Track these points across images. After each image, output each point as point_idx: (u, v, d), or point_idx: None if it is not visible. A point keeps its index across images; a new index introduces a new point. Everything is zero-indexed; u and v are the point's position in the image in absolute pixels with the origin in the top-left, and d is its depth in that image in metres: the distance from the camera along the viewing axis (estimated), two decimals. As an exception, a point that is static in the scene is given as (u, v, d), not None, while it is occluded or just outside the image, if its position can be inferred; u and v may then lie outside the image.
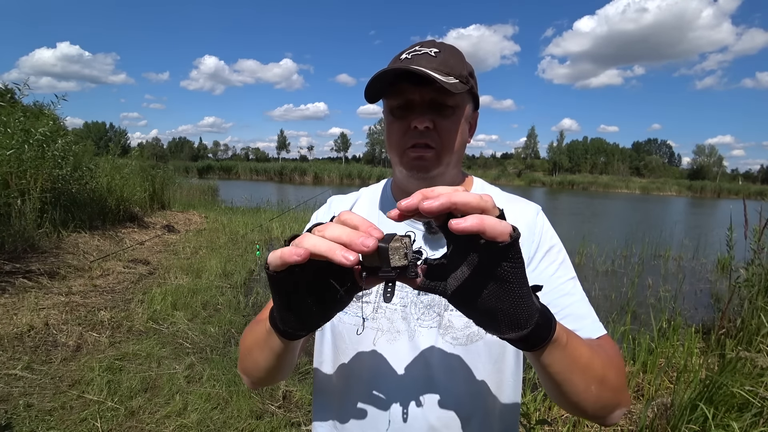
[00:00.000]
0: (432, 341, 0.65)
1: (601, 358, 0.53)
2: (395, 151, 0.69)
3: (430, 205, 0.35)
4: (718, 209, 25.62)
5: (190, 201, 12.42)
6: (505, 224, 0.35)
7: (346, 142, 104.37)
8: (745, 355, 2.21)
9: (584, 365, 0.49)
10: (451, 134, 0.66)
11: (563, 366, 0.47)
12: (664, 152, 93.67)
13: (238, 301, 4.26)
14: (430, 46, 0.66)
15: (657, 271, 6.97)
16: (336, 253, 0.37)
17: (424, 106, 0.65)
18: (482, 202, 0.36)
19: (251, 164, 65.09)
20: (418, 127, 0.64)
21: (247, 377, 0.65)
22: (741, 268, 3.60)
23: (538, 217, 0.72)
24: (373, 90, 0.65)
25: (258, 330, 0.58)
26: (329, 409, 0.71)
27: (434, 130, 0.65)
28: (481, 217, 0.34)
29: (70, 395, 2.42)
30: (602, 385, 0.52)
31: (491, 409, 0.67)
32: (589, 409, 0.53)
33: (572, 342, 0.48)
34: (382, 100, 0.70)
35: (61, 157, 5.83)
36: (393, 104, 0.67)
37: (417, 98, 0.64)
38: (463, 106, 0.68)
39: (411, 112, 0.65)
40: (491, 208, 0.37)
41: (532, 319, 0.40)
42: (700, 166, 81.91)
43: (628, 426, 2.35)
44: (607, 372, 0.53)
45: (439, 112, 0.65)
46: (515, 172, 74.17)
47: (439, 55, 0.64)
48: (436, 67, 0.62)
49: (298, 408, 2.51)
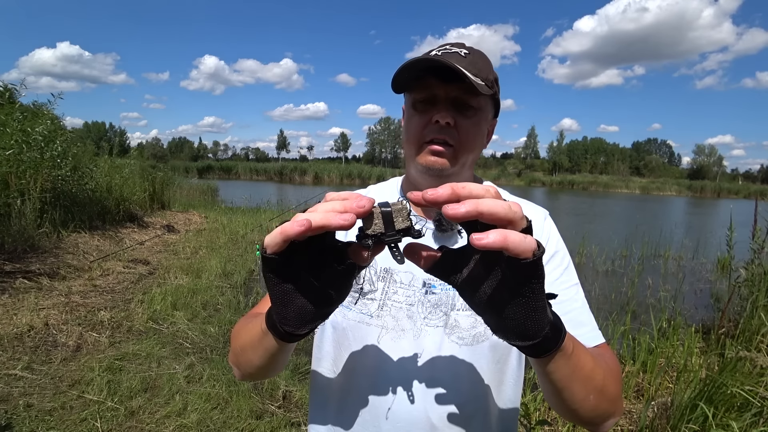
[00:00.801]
0: (438, 341, 0.65)
1: (603, 369, 0.53)
2: (413, 143, 0.68)
3: (455, 212, 0.33)
4: (718, 209, 25.64)
5: (190, 201, 12.41)
6: (530, 241, 0.34)
7: (346, 142, 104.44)
8: (745, 354, 2.21)
9: (586, 375, 0.50)
10: (470, 134, 0.66)
11: (565, 374, 0.47)
12: (664, 152, 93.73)
13: (238, 301, 4.26)
14: (460, 47, 0.67)
15: (657, 271, 6.98)
16: (334, 217, 0.35)
17: (447, 102, 0.65)
18: (510, 212, 0.34)
19: (251, 164, 65.12)
20: (439, 122, 0.64)
21: (238, 370, 0.64)
22: (741, 267, 3.60)
23: (546, 222, 0.73)
24: (401, 79, 0.65)
25: (252, 329, 0.56)
26: (328, 405, 0.71)
27: (454, 127, 0.65)
28: (504, 233, 0.33)
29: (70, 395, 2.42)
30: (601, 395, 0.52)
31: (492, 408, 0.67)
32: (585, 416, 0.54)
33: (577, 351, 0.48)
34: (403, 94, 0.70)
35: (61, 157, 5.83)
36: (417, 98, 0.67)
37: (442, 94, 0.65)
38: (486, 109, 0.68)
39: (433, 107, 0.65)
40: (519, 219, 0.34)
41: (542, 331, 0.40)
42: (700, 166, 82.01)
43: (628, 426, 2.35)
44: (607, 382, 0.53)
45: (462, 111, 0.65)
46: (515, 172, 74.20)
47: (468, 56, 0.65)
48: (465, 67, 0.62)
49: (298, 408, 2.51)
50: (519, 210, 0.35)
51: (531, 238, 0.35)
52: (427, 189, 0.34)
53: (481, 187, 0.35)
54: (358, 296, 0.69)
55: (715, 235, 9.75)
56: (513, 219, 0.34)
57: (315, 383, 0.74)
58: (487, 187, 0.36)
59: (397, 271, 0.69)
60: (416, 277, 0.68)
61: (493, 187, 0.37)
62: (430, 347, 0.64)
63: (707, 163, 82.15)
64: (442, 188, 0.34)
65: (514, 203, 0.35)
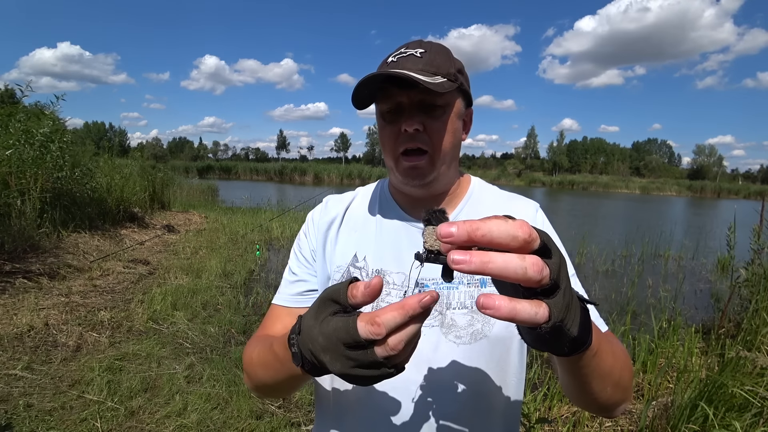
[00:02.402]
0: (434, 340, 0.64)
1: (620, 363, 0.54)
2: (390, 156, 0.68)
3: (461, 268, 0.30)
4: (718, 209, 25.63)
5: (190, 201, 12.41)
6: (543, 311, 0.31)
7: (346, 142, 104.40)
8: (746, 354, 2.21)
9: (606, 371, 0.50)
10: (441, 135, 0.66)
11: (587, 371, 0.48)
12: (664, 152, 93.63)
13: (238, 301, 4.26)
14: (415, 46, 0.66)
15: (657, 271, 6.97)
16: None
17: (413, 108, 0.64)
18: (523, 273, 0.30)
19: (251, 164, 65.15)
20: (408, 130, 0.63)
21: (253, 385, 0.66)
22: (741, 268, 3.60)
23: (538, 215, 0.73)
24: (360, 96, 0.64)
25: (268, 358, 0.57)
26: (328, 409, 0.71)
27: (425, 131, 0.64)
28: (514, 307, 0.31)
29: (70, 395, 2.42)
30: (616, 387, 0.54)
31: (494, 407, 0.66)
32: (600, 405, 0.56)
33: (600, 351, 0.48)
34: (374, 105, 0.70)
35: (60, 157, 5.83)
36: (383, 108, 0.67)
37: (405, 101, 0.64)
38: (454, 104, 0.67)
39: (401, 116, 0.65)
40: (532, 275, 0.30)
41: (566, 346, 0.37)
42: (700, 166, 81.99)
43: (628, 426, 2.35)
44: (623, 375, 0.55)
45: (429, 113, 0.64)
46: (515, 172, 74.17)
47: (425, 55, 0.64)
48: (421, 68, 0.62)
49: (298, 408, 2.51)
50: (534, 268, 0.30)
51: (545, 306, 0.32)
52: (443, 225, 0.32)
53: (500, 229, 0.30)
54: None
55: (715, 235, 9.75)
56: (527, 278, 0.30)
57: (316, 389, 0.75)
58: (509, 228, 0.31)
59: (390, 272, 0.68)
60: (408, 278, 0.68)
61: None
62: (426, 348, 0.63)
63: (707, 163, 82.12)
64: (457, 231, 0.31)
65: (529, 235, 0.31)
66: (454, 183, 0.74)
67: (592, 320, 0.42)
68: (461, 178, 0.76)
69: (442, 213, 0.38)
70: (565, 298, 0.33)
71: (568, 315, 0.34)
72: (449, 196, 0.73)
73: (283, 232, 8.29)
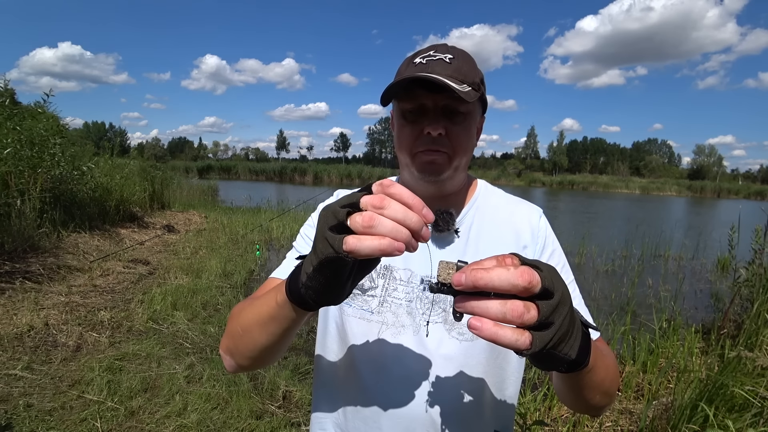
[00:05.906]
0: (438, 336, 0.66)
1: (611, 375, 0.59)
2: (406, 153, 0.69)
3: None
4: (718, 209, 25.63)
5: (190, 201, 12.41)
6: (524, 339, 0.35)
7: (345, 142, 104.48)
8: (746, 354, 2.21)
9: (598, 383, 0.55)
10: (462, 140, 0.67)
11: (582, 384, 0.53)
12: (664, 152, 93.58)
13: (238, 301, 4.25)
14: (444, 51, 0.66)
15: (657, 271, 6.97)
16: (407, 243, 0.39)
17: (437, 112, 0.65)
18: (516, 315, 0.35)
19: (251, 164, 65.16)
20: (432, 134, 0.64)
21: (233, 359, 0.62)
22: (742, 268, 3.59)
23: (541, 221, 0.75)
24: (389, 95, 0.65)
25: (262, 306, 0.55)
26: (329, 401, 0.73)
27: (446, 136, 0.66)
28: (497, 332, 0.35)
29: (70, 395, 2.42)
30: (605, 395, 0.59)
31: (491, 404, 0.68)
32: (588, 408, 0.62)
33: (595, 367, 0.50)
34: (392, 102, 0.70)
35: (59, 156, 5.81)
36: (405, 107, 0.67)
37: (430, 104, 0.65)
38: (475, 112, 0.69)
39: (424, 117, 0.66)
40: (512, 319, 0.35)
41: (563, 366, 0.41)
42: (700, 166, 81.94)
43: (629, 426, 2.35)
44: (612, 384, 0.60)
45: (451, 119, 0.66)
46: (515, 172, 74.19)
47: (454, 61, 0.65)
48: (450, 74, 0.62)
49: (298, 408, 2.51)
50: (515, 304, 0.35)
51: (527, 334, 0.35)
52: (456, 274, 0.36)
53: (501, 278, 0.35)
54: (359, 293, 0.70)
55: (715, 235, 9.76)
56: (522, 318, 0.35)
57: (318, 376, 0.76)
58: (510, 277, 0.35)
59: (397, 269, 0.70)
60: (414, 274, 0.69)
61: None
62: (431, 342, 0.66)
63: (707, 163, 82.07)
64: (465, 280, 0.36)
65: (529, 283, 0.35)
66: (464, 187, 0.76)
67: (592, 342, 0.45)
68: (470, 183, 0.79)
69: (450, 215, 0.39)
70: (559, 331, 0.36)
71: (565, 343, 0.38)
72: (458, 198, 0.75)
73: (283, 232, 8.29)
